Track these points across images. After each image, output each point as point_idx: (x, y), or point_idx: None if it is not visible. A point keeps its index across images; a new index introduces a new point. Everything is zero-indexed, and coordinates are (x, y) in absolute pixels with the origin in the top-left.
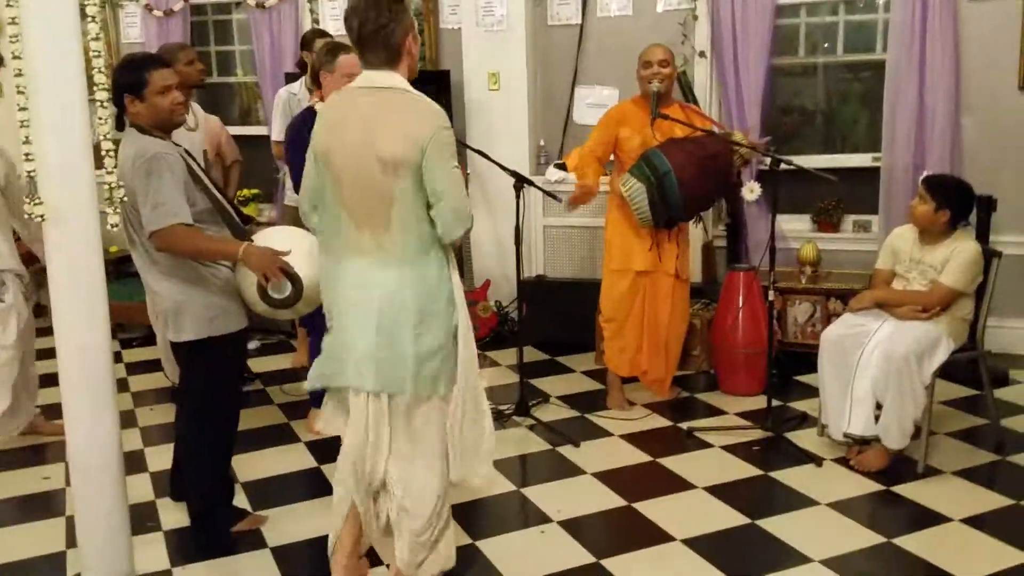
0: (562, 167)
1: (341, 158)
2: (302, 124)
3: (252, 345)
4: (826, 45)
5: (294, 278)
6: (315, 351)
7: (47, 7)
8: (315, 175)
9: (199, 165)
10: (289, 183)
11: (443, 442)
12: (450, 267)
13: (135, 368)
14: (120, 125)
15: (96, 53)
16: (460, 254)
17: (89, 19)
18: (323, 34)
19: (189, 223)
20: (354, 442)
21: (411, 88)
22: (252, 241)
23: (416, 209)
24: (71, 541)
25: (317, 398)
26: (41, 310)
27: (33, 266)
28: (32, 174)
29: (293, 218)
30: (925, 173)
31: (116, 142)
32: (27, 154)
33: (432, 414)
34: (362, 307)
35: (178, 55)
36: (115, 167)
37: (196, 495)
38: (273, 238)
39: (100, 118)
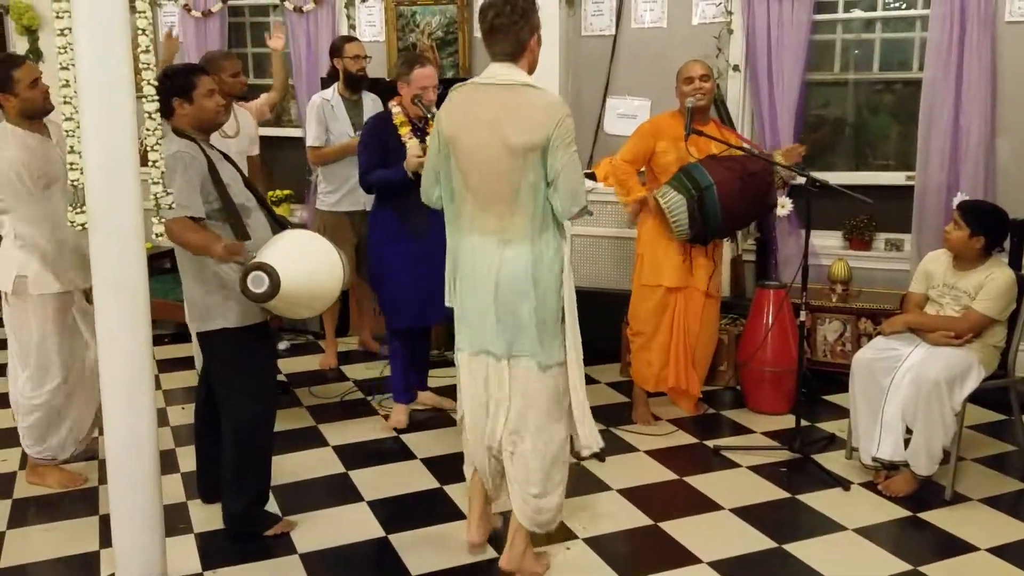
0: (591, 176)
1: (469, 145)
2: (376, 126)
3: (282, 346)
4: (860, 60)
5: (270, 273)
6: (397, 372)
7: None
8: (439, 158)
9: (236, 167)
10: (323, 187)
11: (556, 407)
12: (565, 244)
13: (166, 365)
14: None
15: (145, 65)
16: None
17: (138, 14)
18: (350, 39)
19: (194, 216)
20: (473, 404)
21: (533, 82)
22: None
23: (538, 192)
24: (105, 541)
25: (396, 394)
26: None
27: None
28: (76, 183)
29: (327, 224)
30: (960, 197)
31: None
32: (72, 163)
33: (546, 380)
34: (485, 280)
35: (223, 64)
36: (162, 175)
37: (236, 489)
38: (282, 240)
39: (148, 129)
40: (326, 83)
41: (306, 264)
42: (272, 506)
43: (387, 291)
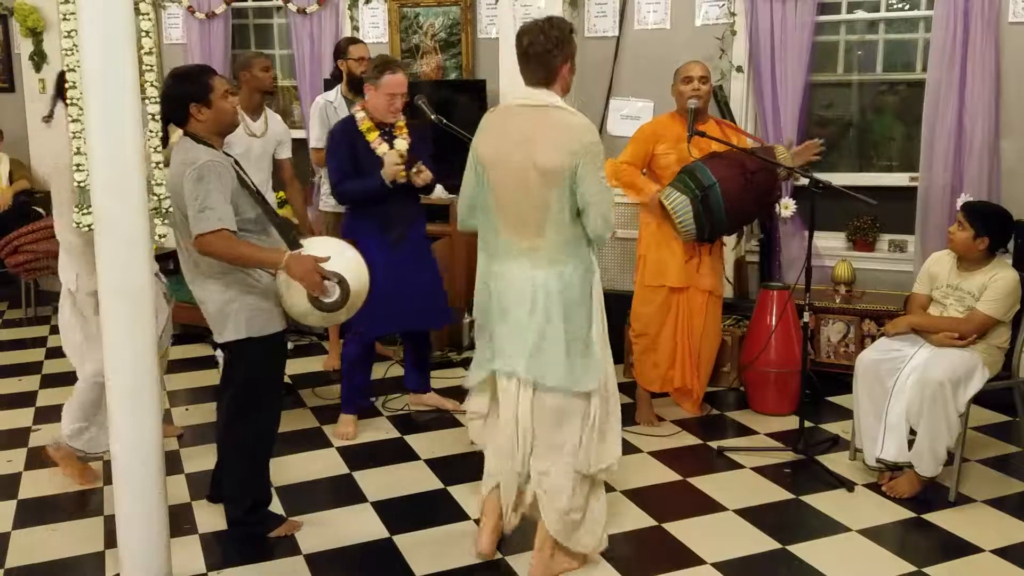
0: None
1: (501, 168)
2: (342, 132)
3: None
4: (863, 61)
5: (339, 279)
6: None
7: (101, 3)
8: (474, 182)
9: (246, 174)
10: (325, 188)
11: (578, 432)
12: (595, 267)
13: (171, 366)
14: (164, 142)
15: (149, 67)
16: None
17: (142, 16)
18: (355, 41)
19: (233, 229)
20: (504, 427)
21: (565, 105)
22: (301, 248)
23: (568, 215)
24: (110, 541)
25: (346, 404)
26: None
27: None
28: (83, 184)
29: (330, 224)
30: (964, 198)
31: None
32: (78, 164)
33: (576, 405)
34: (516, 304)
35: (253, 61)
36: (163, 179)
37: (233, 497)
38: (315, 246)
39: (151, 130)
40: (329, 84)
41: (356, 269)
42: (276, 507)
43: None
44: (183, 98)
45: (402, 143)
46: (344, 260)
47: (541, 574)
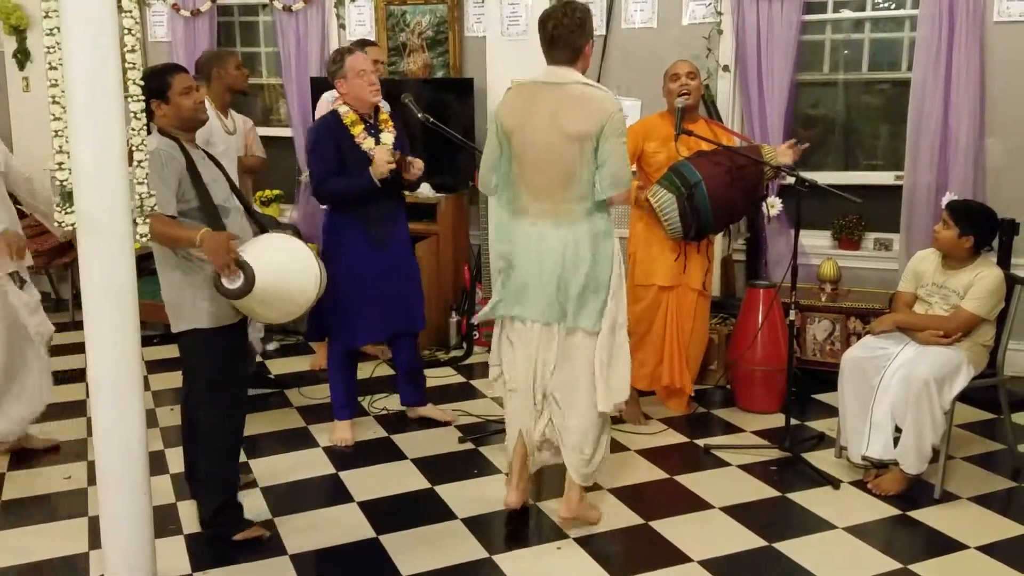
0: None
1: (527, 137)
2: (324, 128)
3: (271, 347)
4: (849, 60)
5: (245, 268)
6: (339, 388)
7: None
8: (497, 150)
9: (221, 168)
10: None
11: (598, 366)
12: (612, 228)
13: (154, 366)
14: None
15: (132, 65)
16: (478, 261)
17: (125, 13)
18: (368, 43)
19: (170, 214)
20: (524, 364)
21: (588, 80)
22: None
23: (590, 177)
24: (94, 542)
25: (339, 410)
26: (62, 304)
27: (57, 261)
28: (65, 183)
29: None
30: (949, 197)
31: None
32: (60, 163)
33: (588, 343)
34: (538, 257)
35: (226, 59)
36: (146, 176)
37: (201, 496)
38: (255, 239)
39: (133, 128)
40: (316, 81)
41: (282, 264)
42: (262, 507)
43: (343, 305)
44: (145, 94)
45: (388, 136)
46: (280, 260)
47: (573, 514)
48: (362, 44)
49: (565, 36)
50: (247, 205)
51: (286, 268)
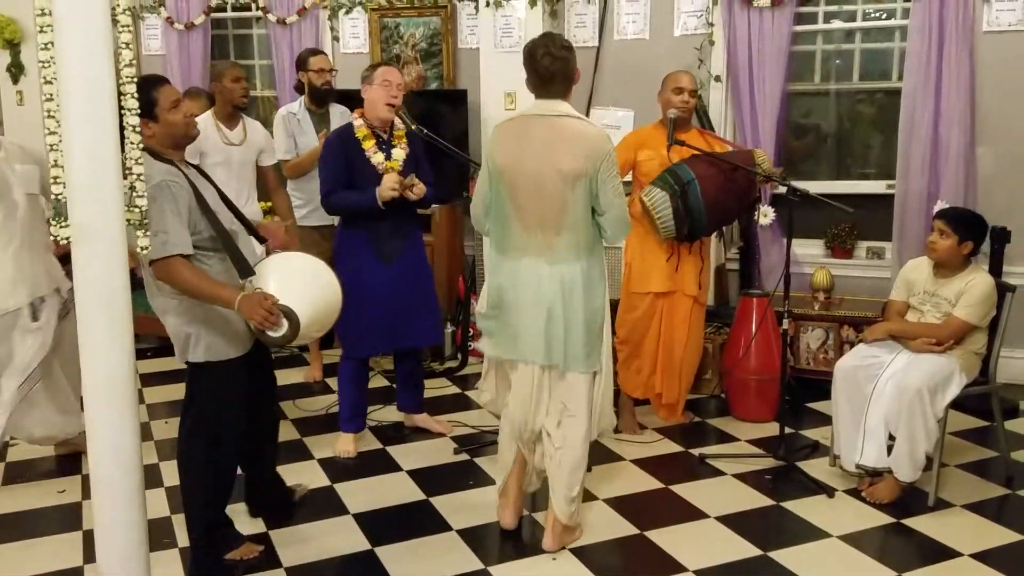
0: None
1: (519, 173)
2: (337, 140)
3: None
4: (840, 70)
5: (289, 315)
6: (347, 399)
7: (79, 16)
8: (488, 187)
9: (215, 187)
10: (297, 200)
11: (589, 406)
12: (604, 271)
13: (149, 379)
14: None
15: (128, 79)
16: (472, 271)
17: (123, 29)
18: (316, 52)
19: (188, 253)
20: (519, 403)
21: (580, 115)
22: (267, 257)
23: (584, 215)
24: (88, 556)
25: (344, 422)
26: None
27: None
28: (60, 197)
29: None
30: (939, 205)
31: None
32: (55, 177)
33: (583, 383)
34: (533, 297)
35: (225, 71)
36: (145, 191)
37: (188, 517)
38: (270, 267)
39: (131, 141)
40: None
41: (310, 290)
42: (256, 519)
43: (351, 316)
44: None
45: (400, 152)
46: (307, 287)
47: (558, 546)
48: (384, 63)
49: (561, 70)
50: (240, 216)
51: (314, 293)
